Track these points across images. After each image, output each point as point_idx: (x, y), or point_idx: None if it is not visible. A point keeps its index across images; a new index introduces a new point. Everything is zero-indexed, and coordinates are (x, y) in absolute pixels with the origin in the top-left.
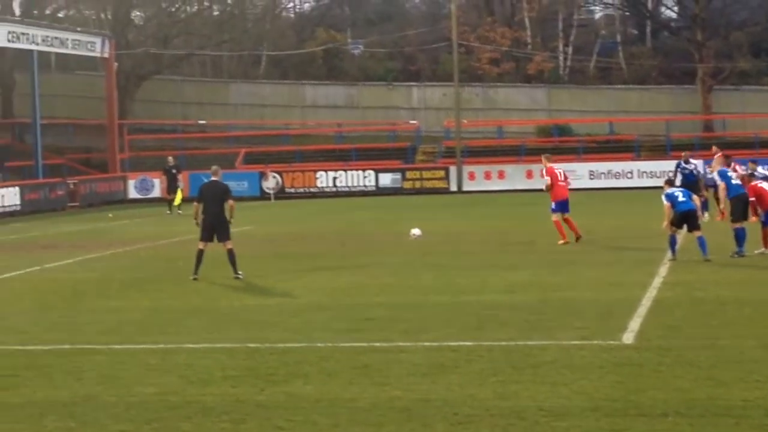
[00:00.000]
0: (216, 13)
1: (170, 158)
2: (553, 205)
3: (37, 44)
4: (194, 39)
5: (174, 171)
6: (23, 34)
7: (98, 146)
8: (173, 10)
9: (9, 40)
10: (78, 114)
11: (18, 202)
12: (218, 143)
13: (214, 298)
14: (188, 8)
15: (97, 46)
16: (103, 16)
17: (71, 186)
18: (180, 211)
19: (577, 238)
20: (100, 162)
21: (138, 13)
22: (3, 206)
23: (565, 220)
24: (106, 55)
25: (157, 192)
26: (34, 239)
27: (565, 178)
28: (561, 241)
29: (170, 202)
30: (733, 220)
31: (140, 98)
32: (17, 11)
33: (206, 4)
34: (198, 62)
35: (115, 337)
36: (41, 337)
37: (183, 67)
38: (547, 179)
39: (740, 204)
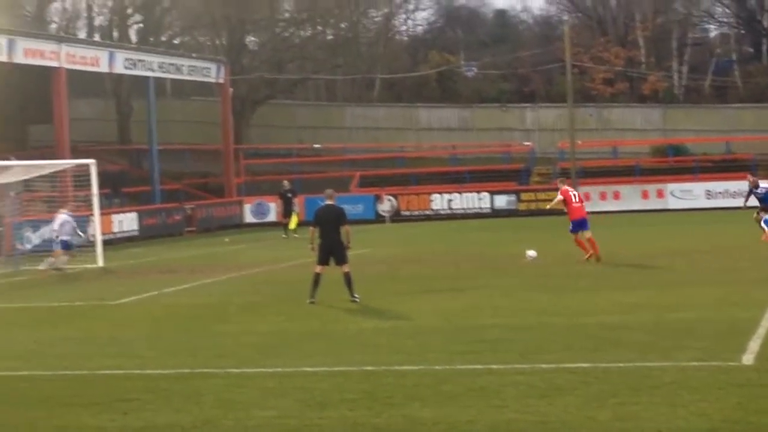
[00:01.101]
0: (330, 37)
1: (285, 182)
2: (570, 225)
3: (154, 71)
4: (308, 63)
5: (289, 195)
6: (140, 61)
7: (214, 171)
8: (287, 35)
9: (126, 67)
10: (194, 139)
11: (136, 227)
12: (333, 167)
13: (331, 322)
14: (302, 33)
15: (212, 72)
16: (218, 42)
17: (188, 211)
18: (296, 235)
19: (597, 259)
20: (217, 187)
21: (252, 38)
22: (121, 231)
23: (588, 240)
24: (221, 81)
25: (272, 216)
26: (152, 264)
27: (580, 199)
28: (585, 257)
29: (286, 226)
30: None
31: (255, 123)
32: (134, 39)
33: (320, 28)
34: (312, 86)
35: (232, 361)
36: (160, 362)
37: (297, 91)
38: (558, 197)
39: None
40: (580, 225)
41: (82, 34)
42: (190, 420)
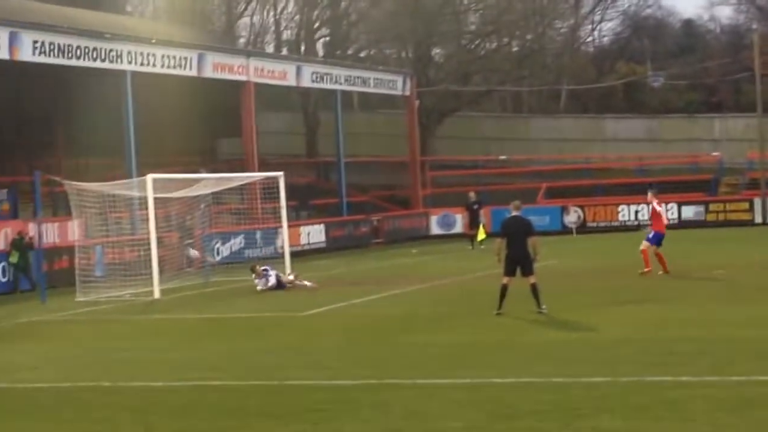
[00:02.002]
0: (515, 48)
1: (472, 194)
2: (650, 236)
3: (341, 84)
4: (494, 75)
5: (476, 206)
6: (327, 74)
7: (400, 183)
8: (473, 47)
9: (313, 81)
10: (380, 151)
11: (323, 239)
12: (519, 178)
13: (519, 333)
14: (488, 45)
15: (398, 85)
16: (404, 54)
17: (375, 223)
18: (482, 247)
19: (665, 271)
20: (403, 198)
21: (438, 50)
22: (309, 243)
23: (657, 254)
24: (407, 93)
25: (459, 228)
26: (339, 276)
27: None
28: (644, 270)
29: (473, 237)
30: None
31: (441, 135)
32: (321, 52)
33: (505, 40)
34: (498, 98)
35: (420, 372)
36: (348, 372)
37: (483, 103)
38: (658, 208)
39: None
40: (658, 239)
41: (270, 49)
42: (379, 430)
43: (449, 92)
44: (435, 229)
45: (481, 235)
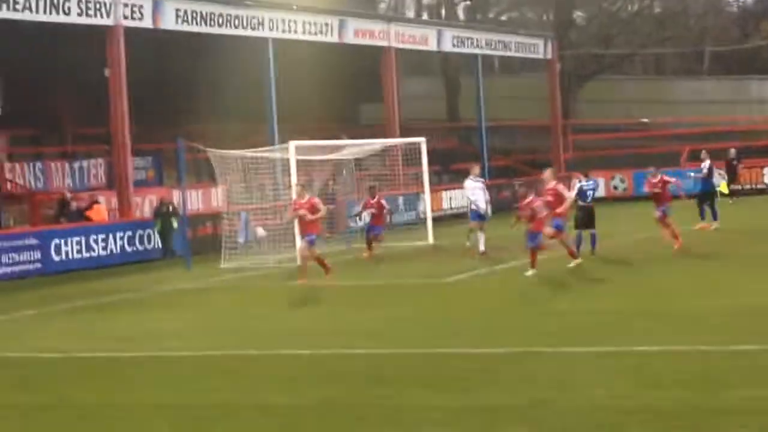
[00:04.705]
0: (657, 10)
1: (732, 150)
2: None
3: (481, 48)
4: (636, 37)
5: (734, 162)
6: (468, 38)
7: (542, 147)
8: (615, 9)
9: (454, 45)
10: (521, 115)
11: (464, 203)
12: (662, 141)
13: (665, 299)
14: (629, 7)
15: (539, 48)
16: (545, 17)
17: (517, 187)
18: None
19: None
20: (544, 162)
21: (580, 13)
22: (451, 208)
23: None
24: (549, 57)
25: (601, 192)
26: (487, 241)
27: None
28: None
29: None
30: None
31: (583, 98)
32: (461, 16)
33: (647, 1)
34: (639, 61)
35: (564, 340)
36: (492, 341)
37: (624, 66)
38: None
39: None
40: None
41: (410, 14)
42: (526, 400)
43: (591, 55)
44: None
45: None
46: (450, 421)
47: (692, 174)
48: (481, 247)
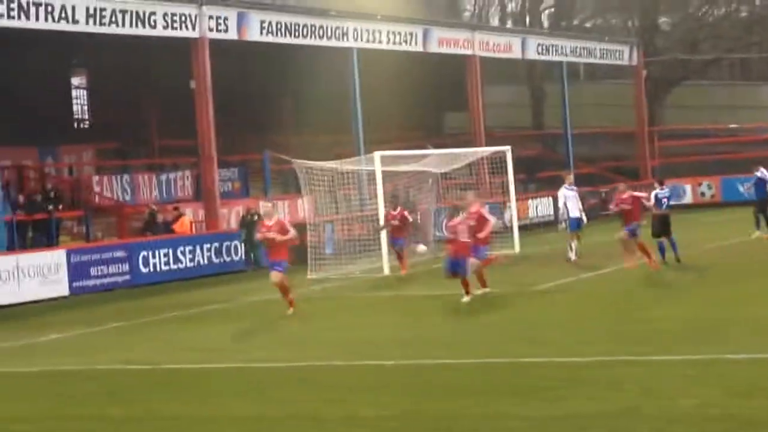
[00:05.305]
0: (744, 14)
1: None
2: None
3: (566, 55)
4: (722, 42)
5: None
6: (552, 45)
7: (628, 154)
8: (701, 14)
9: (538, 53)
10: (607, 122)
11: (551, 212)
12: (751, 147)
13: (754, 309)
14: (715, 11)
15: (624, 55)
16: (629, 23)
17: (603, 194)
18: None
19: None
20: (631, 169)
21: (665, 19)
22: (537, 216)
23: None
24: (634, 63)
25: (688, 198)
26: (564, 250)
27: None
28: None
29: None
30: None
31: (669, 104)
32: (546, 23)
33: (734, 6)
34: (726, 65)
35: (653, 348)
36: (579, 349)
37: (711, 71)
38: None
39: None
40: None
41: (494, 22)
42: (615, 409)
43: (677, 61)
44: None
45: None
46: (536, 431)
47: (745, 185)
48: (573, 256)
